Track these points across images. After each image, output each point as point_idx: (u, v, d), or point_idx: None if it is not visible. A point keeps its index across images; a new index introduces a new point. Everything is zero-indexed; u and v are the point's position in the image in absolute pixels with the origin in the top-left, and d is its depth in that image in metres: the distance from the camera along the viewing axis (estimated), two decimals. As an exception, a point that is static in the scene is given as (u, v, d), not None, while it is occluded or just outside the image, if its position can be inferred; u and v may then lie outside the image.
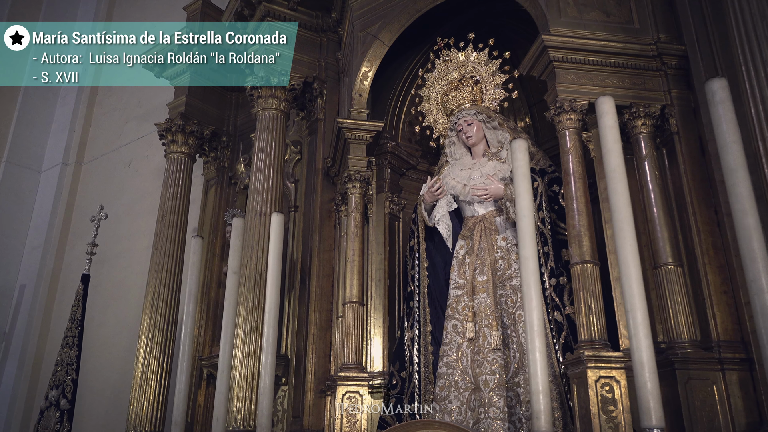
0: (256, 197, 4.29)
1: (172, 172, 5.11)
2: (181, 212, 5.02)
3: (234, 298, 3.24)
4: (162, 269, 4.77)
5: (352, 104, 3.97)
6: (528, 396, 3.08)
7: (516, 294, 3.30)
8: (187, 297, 3.59)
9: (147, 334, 4.62)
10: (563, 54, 3.09)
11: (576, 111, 3.02)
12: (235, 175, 5.32)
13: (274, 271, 3.15)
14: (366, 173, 3.84)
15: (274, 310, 3.08)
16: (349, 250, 3.69)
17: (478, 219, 3.58)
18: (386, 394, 3.51)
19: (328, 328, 4.14)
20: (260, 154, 4.40)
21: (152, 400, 4.46)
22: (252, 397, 3.81)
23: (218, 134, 5.47)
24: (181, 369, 3.39)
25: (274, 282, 3.13)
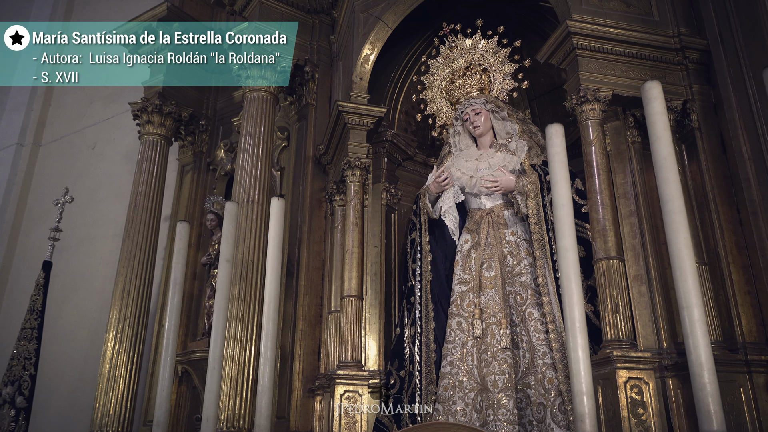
0: (243, 183, 4.02)
1: (147, 155, 4.78)
2: (155, 198, 4.69)
3: (226, 288, 3.00)
4: (134, 257, 4.44)
5: (352, 88, 3.76)
6: (539, 398, 2.94)
7: (526, 291, 3.16)
8: (172, 287, 3.32)
9: (116, 328, 4.28)
10: (587, 42, 2.96)
11: (600, 101, 2.89)
12: (214, 161, 5.03)
13: (275, 261, 2.92)
14: (366, 161, 3.64)
15: (274, 302, 2.86)
16: (348, 242, 3.48)
17: (485, 212, 3.42)
18: (383, 395, 3.31)
19: (318, 323, 3.92)
20: (248, 138, 4.13)
21: (120, 399, 4.12)
22: (237, 395, 3.55)
23: (196, 117, 5.16)
24: (165, 365, 3.13)
25: (275, 273, 2.90)
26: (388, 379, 3.36)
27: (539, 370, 2.97)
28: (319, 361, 3.84)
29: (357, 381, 3.15)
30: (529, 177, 3.26)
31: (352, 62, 3.90)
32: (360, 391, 3.13)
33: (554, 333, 2.97)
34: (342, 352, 3.26)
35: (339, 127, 3.76)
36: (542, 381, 2.94)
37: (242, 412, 3.57)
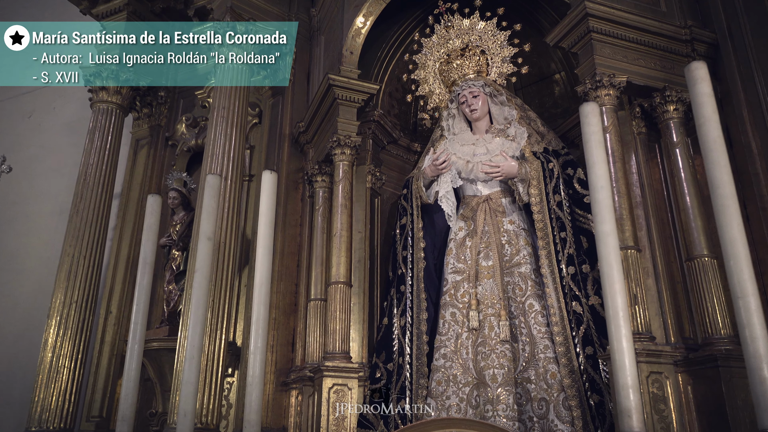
0: (214, 158, 3.71)
1: (100, 125, 4.35)
2: (108, 171, 4.28)
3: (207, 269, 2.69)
4: (83, 236, 4.02)
5: (342, 61, 3.52)
6: (540, 393, 2.81)
7: (526, 282, 3.02)
8: (141, 267, 3.00)
9: (60, 313, 3.86)
10: (602, 25, 2.86)
11: (615, 87, 2.80)
12: (174, 136, 4.64)
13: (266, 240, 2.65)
14: (356, 139, 3.40)
15: (265, 284, 2.58)
16: (336, 224, 3.24)
17: (481, 199, 3.27)
18: (368, 389, 3.10)
19: (292, 312, 3.66)
20: (220, 110, 3.81)
21: (63, 391, 3.71)
22: (204, 388, 3.24)
23: (155, 88, 4.75)
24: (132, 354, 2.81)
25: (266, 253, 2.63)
26: (373, 373, 3.15)
27: (541, 364, 2.85)
28: (293, 353, 3.59)
29: (345, 374, 2.92)
30: (531, 164, 3.13)
31: (340, 35, 3.65)
32: (349, 385, 2.90)
33: (557, 326, 2.85)
34: (329, 343, 3.02)
35: (326, 102, 3.51)
36: (544, 375, 2.81)
37: (210, 407, 3.26)
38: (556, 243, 2.96)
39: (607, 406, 2.64)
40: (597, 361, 2.73)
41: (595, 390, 2.70)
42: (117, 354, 4.13)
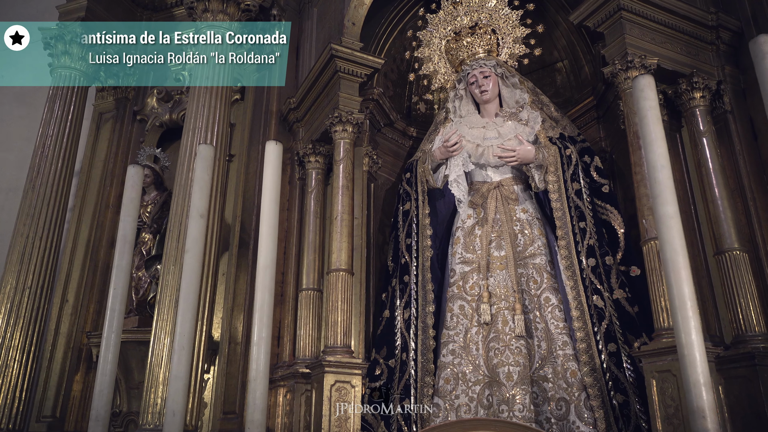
0: (195, 132, 3.37)
1: (61, 93, 3.93)
2: (69, 146, 3.86)
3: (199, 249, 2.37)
4: (39, 215, 3.60)
5: (344, 32, 3.24)
6: (559, 392, 2.62)
7: (541, 274, 2.83)
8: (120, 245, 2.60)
9: (11, 300, 3.43)
10: (633, 4, 2.71)
11: (646, 68, 2.64)
12: (144, 110, 4.25)
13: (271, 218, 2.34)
14: (358, 116, 3.14)
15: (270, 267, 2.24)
16: (336, 207, 2.96)
17: (492, 185, 3.07)
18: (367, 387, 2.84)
19: (278, 303, 3.35)
20: (203, 79, 3.47)
21: (13, 388, 3.30)
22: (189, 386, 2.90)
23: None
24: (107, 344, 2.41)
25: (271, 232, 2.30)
26: (372, 370, 2.90)
27: (559, 361, 2.66)
28: (279, 348, 3.29)
29: (349, 369, 2.64)
30: (548, 149, 2.95)
31: (340, 6, 3.38)
32: (353, 382, 2.63)
33: (578, 321, 2.67)
34: (329, 336, 2.74)
35: (325, 75, 3.23)
36: (563, 374, 2.62)
37: (189, 406, 2.93)
38: (575, 233, 2.79)
39: (632, 407, 2.48)
40: (620, 359, 2.56)
41: (619, 389, 2.53)
42: (74, 347, 3.71)
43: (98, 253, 3.96)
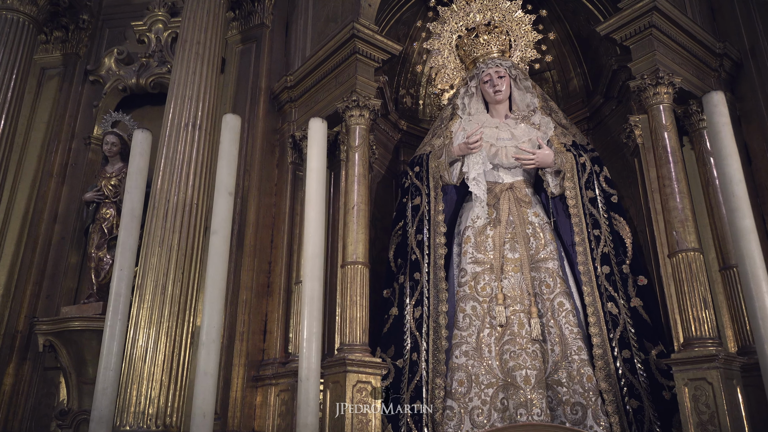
0: (183, 101, 3.04)
1: (7, 40, 3.39)
2: (13, 102, 3.37)
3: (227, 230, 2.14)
4: (-26, 179, 3.07)
5: (360, 12, 3.07)
6: (574, 397, 2.63)
7: (554, 279, 2.84)
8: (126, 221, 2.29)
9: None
10: (663, 23, 2.80)
11: (674, 86, 2.74)
12: (98, 71, 3.77)
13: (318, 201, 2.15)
14: (375, 102, 2.98)
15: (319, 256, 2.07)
16: (353, 197, 2.79)
17: (505, 187, 3.04)
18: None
19: (265, 294, 3.11)
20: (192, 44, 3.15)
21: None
22: (171, 383, 2.59)
23: (76, 8, 3.84)
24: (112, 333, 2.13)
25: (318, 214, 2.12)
26: (378, 369, 2.75)
27: (574, 366, 2.67)
28: (265, 343, 3.04)
29: (371, 369, 2.48)
30: (565, 155, 2.97)
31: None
32: (373, 383, 2.47)
33: (595, 327, 2.71)
34: (348, 333, 2.55)
35: (339, 56, 3.03)
36: (579, 379, 2.64)
37: (176, 405, 2.62)
38: (590, 240, 2.83)
39: (647, 412, 2.55)
40: (634, 365, 2.63)
41: (633, 395, 2.59)
42: (7, 334, 3.20)
43: (38, 228, 3.45)
